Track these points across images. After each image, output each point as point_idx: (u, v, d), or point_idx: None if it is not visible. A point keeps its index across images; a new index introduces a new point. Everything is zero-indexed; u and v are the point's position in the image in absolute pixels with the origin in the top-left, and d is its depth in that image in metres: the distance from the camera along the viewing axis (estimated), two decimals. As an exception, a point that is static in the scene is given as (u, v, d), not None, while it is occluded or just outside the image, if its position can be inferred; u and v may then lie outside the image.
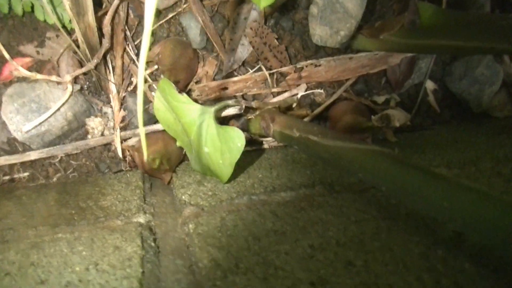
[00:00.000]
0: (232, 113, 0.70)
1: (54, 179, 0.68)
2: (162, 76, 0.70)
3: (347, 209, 0.55)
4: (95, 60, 0.64)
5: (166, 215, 0.58)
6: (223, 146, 0.61)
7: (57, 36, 0.66)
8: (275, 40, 0.74)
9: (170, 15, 0.70)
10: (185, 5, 0.70)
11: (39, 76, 0.65)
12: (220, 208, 0.56)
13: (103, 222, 0.54)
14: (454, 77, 0.85)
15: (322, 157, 0.59)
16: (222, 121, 0.72)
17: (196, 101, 0.72)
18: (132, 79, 0.69)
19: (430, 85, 0.86)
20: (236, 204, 0.57)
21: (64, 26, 0.64)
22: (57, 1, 0.64)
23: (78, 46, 0.65)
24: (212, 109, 0.61)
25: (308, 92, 0.78)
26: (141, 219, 0.56)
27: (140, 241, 0.49)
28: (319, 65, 0.77)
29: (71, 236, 0.50)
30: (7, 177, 0.67)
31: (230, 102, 0.67)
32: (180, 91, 0.61)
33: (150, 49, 0.71)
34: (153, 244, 0.50)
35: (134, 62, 0.69)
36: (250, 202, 0.57)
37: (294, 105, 0.76)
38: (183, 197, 0.60)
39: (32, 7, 0.64)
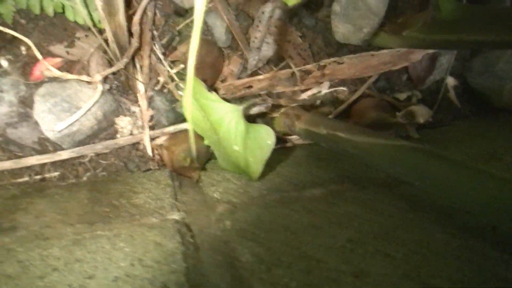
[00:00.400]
0: (258, 111, 0.70)
1: (84, 178, 0.69)
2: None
3: (379, 203, 0.56)
4: (125, 60, 0.65)
5: (198, 213, 0.59)
6: (253, 144, 0.62)
7: (87, 36, 0.67)
8: (299, 38, 0.75)
9: (196, 15, 0.71)
10: (210, 4, 0.70)
11: (69, 76, 0.66)
12: (253, 205, 0.57)
13: (139, 220, 0.55)
14: (474, 72, 0.86)
15: (351, 153, 0.60)
16: (247, 119, 0.72)
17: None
18: (158, 78, 0.70)
19: (451, 81, 0.87)
20: (268, 201, 0.58)
21: (94, 26, 0.65)
22: (88, 1, 0.64)
23: (107, 46, 0.66)
24: (241, 107, 0.62)
25: (331, 89, 0.78)
26: (176, 216, 0.57)
27: (180, 238, 0.50)
28: (342, 63, 0.77)
29: (110, 233, 0.51)
30: (38, 176, 0.68)
31: (257, 100, 0.68)
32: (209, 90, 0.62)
33: (176, 48, 0.72)
34: (191, 240, 0.51)
35: (160, 61, 0.70)
36: (282, 198, 0.58)
37: (317, 102, 0.77)
38: (214, 194, 0.61)
39: (63, 7, 0.65)
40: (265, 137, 0.61)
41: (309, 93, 0.77)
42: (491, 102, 0.87)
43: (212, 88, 0.74)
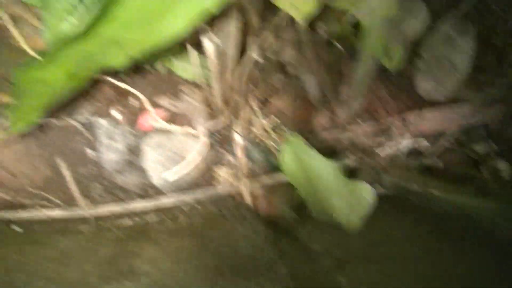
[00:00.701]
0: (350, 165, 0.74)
1: (184, 224, 0.73)
2: (282, 127, 0.75)
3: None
4: (228, 114, 0.69)
5: (302, 265, 0.62)
6: (353, 200, 0.65)
7: (191, 90, 0.72)
8: (385, 93, 0.78)
9: (291, 71, 0.75)
10: (306, 63, 0.75)
11: (176, 127, 0.70)
12: (359, 258, 0.60)
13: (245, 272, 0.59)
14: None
15: (446, 210, 0.63)
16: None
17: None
18: (255, 130, 0.74)
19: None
20: (373, 253, 0.61)
21: (200, 81, 0.70)
22: (196, 58, 0.69)
23: (211, 100, 0.70)
24: (338, 164, 0.65)
25: (413, 142, 0.81)
26: (281, 269, 0.60)
27: None
28: (424, 116, 0.80)
29: (233, 285, 0.55)
30: (140, 220, 0.72)
31: (352, 157, 0.72)
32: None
33: (270, 101, 0.77)
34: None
35: (257, 115, 0.74)
36: (385, 252, 0.61)
37: (400, 154, 0.80)
38: (314, 246, 0.64)
39: (172, 64, 0.70)
40: (365, 194, 0.64)
41: (392, 145, 0.80)
42: None
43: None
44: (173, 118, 0.73)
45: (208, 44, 0.62)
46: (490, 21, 0.80)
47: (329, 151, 0.78)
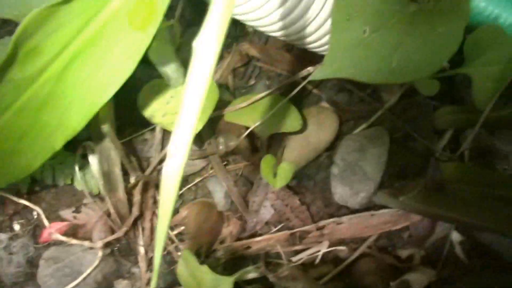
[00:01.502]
0: (253, 276, 0.72)
1: None
2: (187, 238, 0.74)
3: None
4: (125, 228, 0.69)
5: None
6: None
7: (93, 202, 0.72)
8: (297, 201, 0.77)
9: (197, 180, 0.75)
10: (211, 171, 0.75)
11: (74, 241, 0.70)
12: None
13: None
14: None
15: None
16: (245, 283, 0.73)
17: (219, 260, 0.75)
18: (159, 240, 0.73)
19: (456, 237, 0.86)
20: None
21: (99, 194, 0.70)
22: (97, 171, 0.70)
23: (109, 214, 0.70)
24: (231, 279, 0.64)
25: (330, 248, 0.79)
26: None
27: None
28: (341, 223, 0.79)
29: None
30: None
31: (250, 268, 0.70)
32: (205, 257, 0.65)
33: (177, 211, 0.76)
34: None
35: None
36: None
37: (316, 261, 0.78)
38: None
39: (72, 178, 0.70)
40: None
41: (308, 252, 0.78)
42: (502, 257, 0.84)
43: (211, 249, 0.76)
44: (76, 230, 0.73)
45: (92, 161, 0.63)
46: (404, 126, 0.80)
47: (239, 261, 0.77)
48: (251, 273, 0.71)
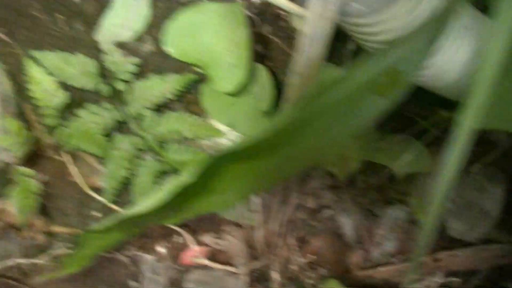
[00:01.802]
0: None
1: None
2: (318, 265, 0.78)
3: None
4: (271, 258, 0.73)
5: None
6: None
7: (234, 230, 0.76)
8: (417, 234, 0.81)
9: (329, 213, 0.79)
10: (344, 205, 0.79)
11: (218, 265, 0.73)
12: None
13: None
14: None
15: None
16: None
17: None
18: (291, 267, 0.77)
19: None
20: None
21: (244, 223, 0.74)
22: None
23: (253, 241, 0.74)
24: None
25: (445, 280, 0.83)
26: None
27: None
28: (456, 256, 0.83)
29: None
30: None
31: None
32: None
33: (308, 241, 0.80)
34: None
35: (294, 253, 0.77)
36: None
37: (432, 292, 0.81)
38: None
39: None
40: None
41: (425, 283, 0.82)
42: None
43: (333, 277, 0.80)
44: (216, 256, 0.76)
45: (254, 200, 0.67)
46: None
47: (362, 287, 0.80)
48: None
